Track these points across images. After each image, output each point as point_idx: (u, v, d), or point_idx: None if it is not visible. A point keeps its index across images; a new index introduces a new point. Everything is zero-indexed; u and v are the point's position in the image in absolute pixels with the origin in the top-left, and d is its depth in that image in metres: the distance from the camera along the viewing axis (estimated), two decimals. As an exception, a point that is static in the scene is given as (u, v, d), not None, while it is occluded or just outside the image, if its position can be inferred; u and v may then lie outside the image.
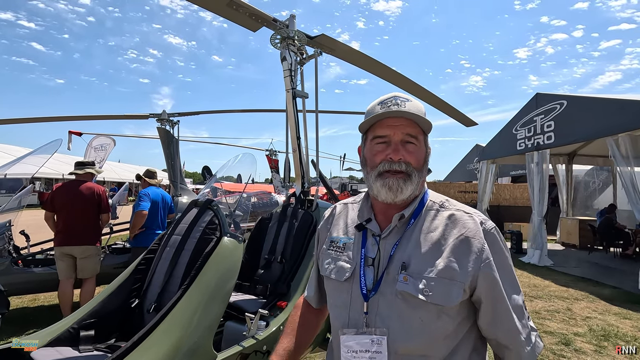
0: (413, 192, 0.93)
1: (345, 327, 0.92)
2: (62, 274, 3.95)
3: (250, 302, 2.46)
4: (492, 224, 0.94)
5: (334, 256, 1.02)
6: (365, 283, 0.92)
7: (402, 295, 0.86)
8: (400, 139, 0.93)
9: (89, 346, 1.82)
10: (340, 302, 0.96)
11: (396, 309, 0.87)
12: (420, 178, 0.95)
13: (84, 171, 4.15)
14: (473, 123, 5.18)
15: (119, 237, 6.76)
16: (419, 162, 0.94)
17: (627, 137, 6.35)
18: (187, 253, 2.05)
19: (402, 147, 0.92)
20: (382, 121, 0.94)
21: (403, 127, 0.92)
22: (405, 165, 0.91)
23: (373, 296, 0.89)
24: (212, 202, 2.18)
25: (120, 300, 2.05)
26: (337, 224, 1.09)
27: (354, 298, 0.93)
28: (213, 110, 7.80)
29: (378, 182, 0.93)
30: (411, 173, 0.92)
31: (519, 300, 0.92)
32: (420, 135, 0.95)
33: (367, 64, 3.57)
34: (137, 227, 4.33)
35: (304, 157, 3.08)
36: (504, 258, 0.91)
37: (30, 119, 6.94)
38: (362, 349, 0.87)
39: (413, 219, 0.95)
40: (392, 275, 0.89)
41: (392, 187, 0.90)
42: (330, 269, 1.01)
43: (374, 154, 0.95)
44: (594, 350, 3.71)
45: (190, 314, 1.72)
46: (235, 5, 2.63)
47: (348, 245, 1.01)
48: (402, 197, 0.92)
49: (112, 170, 20.14)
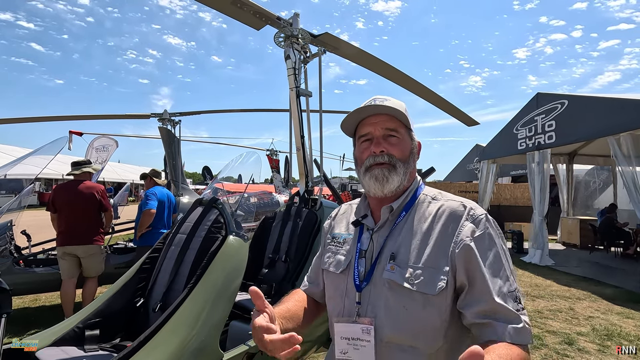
0: (401, 182, 0.97)
1: (340, 316, 0.97)
2: (65, 274, 3.94)
3: (255, 302, 2.45)
4: (483, 212, 0.93)
5: (334, 250, 1.08)
6: (358, 274, 0.96)
7: (389, 283, 0.90)
8: (381, 134, 0.99)
9: (94, 346, 1.81)
10: (337, 293, 1.01)
11: (383, 297, 0.90)
12: (407, 169, 0.99)
13: (81, 171, 4.14)
14: (475, 122, 5.17)
15: (120, 237, 6.75)
16: (404, 153, 0.99)
17: (628, 136, 6.35)
18: (193, 252, 2.04)
19: (384, 141, 0.98)
20: (364, 121, 1.01)
21: (382, 123, 0.98)
22: (389, 157, 0.96)
23: (365, 286, 0.94)
24: (218, 200, 2.17)
25: (125, 300, 2.04)
26: (341, 221, 1.15)
27: (349, 289, 0.98)
28: (214, 110, 7.78)
29: (366, 175, 0.98)
30: (395, 164, 0.96)
31: (505, 286, 0.83)
32: (400, 128, 1.00)
33: (371, 63, 3.57)
34: (145, 225, 4.36)
35: (307, 156, 3.07)
36: (490, 244, 0.87)
37: (30, 119, 6.91)
38: (354, 336, 0.91)
39: (405, 211, 0.98)
40: (382, 266, 0.93)
41: (378, 177, 0.95)
42: (329, 262, 1.06)
43: (361, 152, 1.01)
44: (597, 349, 3.70)
45: (196, 313, 1.71)
46: (240, 3, 2.63)
47: (347, 240, 1.06)
48: (389, 188, 0.96)
49: (113, 170, 20.10)
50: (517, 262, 8.31)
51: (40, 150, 4.21)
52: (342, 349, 0.92)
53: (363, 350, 0.89)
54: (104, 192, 4.18)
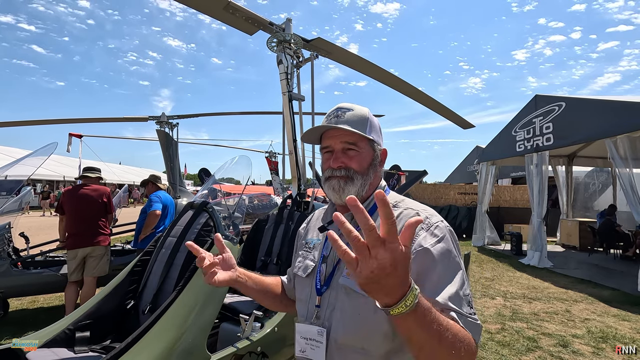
0: (358, 193, 1.00)
1: (304, 317, 1.02)
2: (73, 276, 4.03)
3: (245, 304, 2.48)
4: (438, 220, 0.92)
5: (304, 255, 1.12)
6: (320, 278, 1.01)
7: (344, 289, 0.93)
8: (340, 148, 1.01)
9: (84, 347, 1.84)
10: (303, 296, 1.05)
11: (339, 302, 0.94)
12: (366, 180, 1.01)
13: (96, 175, 4.36)
14: (470, 125, 5.18)
15: (118, 239, 6.79)
16: (361, 166, 1.01)
17: (625, 138, 6.35)
18: (182, 255, 2.06)
19: (342, 155, 1.00)
20: (326, 133, 1.04)
21: (342, 137, 1.01)
22: (345, 170, 0.99)
23: (325, 290, 0.98)
24: (208, 204, 2.19)
25: (116, 302, 2.07)
26: (314, 227, 1.17)
27: (312, 293, 1.02)
28: (211, 113, 7.81)
29: (326, 185, 1.02)
30: (352, 176, 0.99)
31: (460, 290, 0.82)
32: (361, 141, 1.01)
33: (364, 67, 3.60)
34: (151, 227, 4.45)
35: (300, 159, 3.10)
36: (443, 249, 0.86)
37: (30, 122, 6.98)
38: (311, 337, 0.96)
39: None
40: (342, 271, 0.96)
41: (334, 187, 0.99)
42: (299, 266, 1.10)
43: (323, 162, 1.06)
44: (591, 352, 3.71)
45: (184, 315, 1.73)
46: (232, 9, 2.66)
47: (316, 246, 1.10)
48: (345, 197, 0.96)
49: (112, 172, 20.19)
50: (516, 264, 8.31)
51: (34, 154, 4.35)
52: (301, 348, 0.98)
53: (317, 350, 0.95)
54: (109, 195, 4.34)
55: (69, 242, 4.07)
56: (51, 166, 24.55)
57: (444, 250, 0.87)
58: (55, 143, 4.16)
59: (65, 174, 25.06)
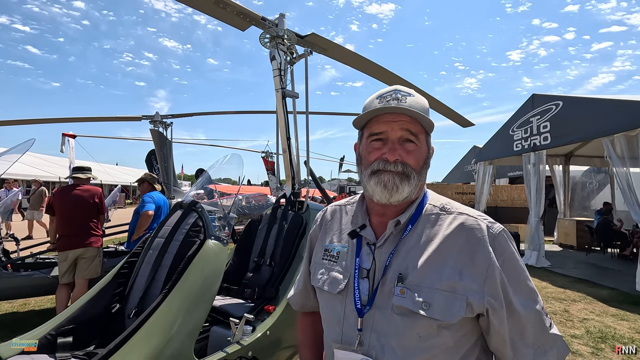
0: (410, 194, 0.85)
1: (339, 343, 0.87)
2: (64, 278, 3.95)
3: (237, 306, 2.40)
4: (500, 227, 0.85)
5: (327, 266, 0.95)
6: (360, 297, 0.85)
7: (399, 310, 0.80)
8: (398, 137, 0.85)
9: (66, 353, 1.76)
10: (334, 316, 0.90)
11: (393, 325, 0.80)
12: (420, 180, 0.87)
13: (87, 176, 4.25)
14: (469, 123, 5.14)
15: (110, 241, 6.69)
16: (419, 163, 0.86)
17: (622, 137, 6.32)
18: (170, 256, 1.99)
19: (399, 146, 0.84)
20: (379, 117, 0.86)
21: (402, 124, 0.84)
22: (402, 166, 0.83)
23: (368, 311, 0.83)
24: (197, 203, 2.12)
25: (101, 305, 1.99)
26: (331, 229, 1.02)
27: (347, 313, 0.87)
28: (205, 112, 7.73)
29: (372, 180, 0.85)
30: (409, 174, 0.84)
31: (536, 309, 0.81)
32: (421, 133, 0.86)
33: (359, 63, 3.54)
34: (143, 228, 4.37)
35: (294, 158, 3.03)
36: (514, 264, 0.82)
37: (23, 121, 6.87)
38: None
39: (410, 225, 0.87)
40: (388, 288, 0.82)
41: (387, 184, 0.83)
42: (323, 280, 0.94)
43: (369, 152, 0.87)
44: (590, 352, 3.66)
45: (170, 320, 1.66)
46: (223, 3, 2.59)
47: (342, 254, 0.94)
48: (397, 198, 0.84)
49: (107, 172, 20.05)
50: (514, 264, 8.27)
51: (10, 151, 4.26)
52: None
53: None
54: (101, 195, 4.26)
55: (59, 244, 3.98)
56: (46, 167, 24.34)
57: (513, 269, 0.82)
58: (33, 139, 4.08)
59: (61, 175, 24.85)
